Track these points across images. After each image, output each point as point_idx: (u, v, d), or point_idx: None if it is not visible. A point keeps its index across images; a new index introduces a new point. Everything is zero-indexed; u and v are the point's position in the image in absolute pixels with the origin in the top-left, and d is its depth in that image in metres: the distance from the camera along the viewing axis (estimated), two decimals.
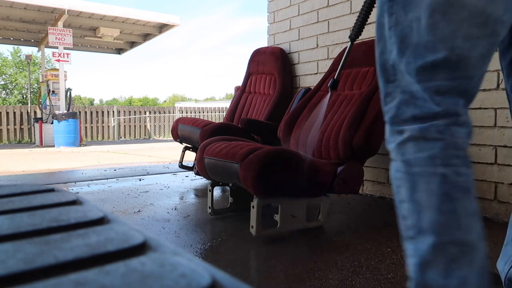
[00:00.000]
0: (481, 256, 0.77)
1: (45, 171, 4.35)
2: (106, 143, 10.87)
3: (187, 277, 0.20)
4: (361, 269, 1.43)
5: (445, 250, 0.77)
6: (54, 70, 9.22)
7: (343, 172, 1.94)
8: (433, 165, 0.82)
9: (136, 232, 0.25)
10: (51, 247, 0.22)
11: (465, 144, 0.86)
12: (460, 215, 0.81)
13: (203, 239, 1.80)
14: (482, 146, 2.15)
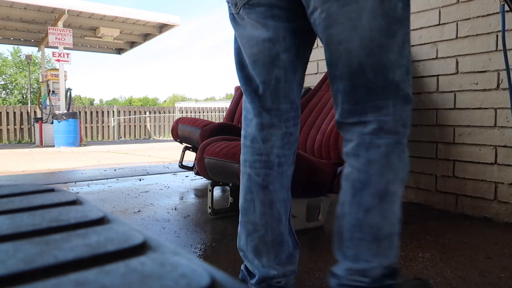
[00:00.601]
0: (263, 233, 1.09)
1: (45, 171, 4.35)
2: (106, 143, 10.87)
3: (187, 277, 0.20)
4: None
5: (244, 226, 1.11)
6: (54, 70, 9.22)
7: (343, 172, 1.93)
8: (244, 166, 1.12)
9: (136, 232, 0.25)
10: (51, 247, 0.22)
11: (265, 151, 1.10)
12: (255, 203, 1.09)
13: (203, 239, 1.80)
14: (482, 146, 2.15)
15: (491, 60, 2.10)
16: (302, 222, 1.87)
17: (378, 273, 0.93)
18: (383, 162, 0.95)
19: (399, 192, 0.98)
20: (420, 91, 2.44)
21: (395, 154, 0.95)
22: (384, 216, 0.97)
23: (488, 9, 2.10)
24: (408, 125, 0.96)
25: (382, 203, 0.96)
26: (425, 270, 1.42)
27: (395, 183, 0.97)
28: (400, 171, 0.97)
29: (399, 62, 0.93)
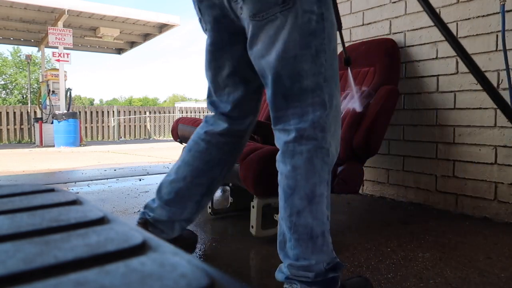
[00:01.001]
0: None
1: (45, 171, 4.35)
2: (106, 143, 10.87)
3: (187, 277, 0.20)
4: (361, 269, 1.43)
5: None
6: (54, 70, 9.22)
7: (343, 172, 1.94)
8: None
9: (136, 232, 0.25)
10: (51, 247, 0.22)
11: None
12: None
13: (203, 239, 1.80)
14: (482, 146, 2.15)
15: (491, 60, 2.10)
16: None
17: (320, 268, 1.02)
18: (307, 167, 1.02)
19: (325, 193, 1.04)
20: (420, 91, 2.44)
21: (318, 159, 1.03)
22: (314, 216, 1.03)
23: (488, 9, 2.10)
24: (326, 130, 1.04)
25: (311, 204, 1.03)
26: (425, 270, 1.42)
27: (321, 185, 1.03)
28: (324, 173, 1.04)
29: (314, 70, 1.02)
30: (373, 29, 2.70)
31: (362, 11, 2.76)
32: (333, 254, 1.05)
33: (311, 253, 1.02)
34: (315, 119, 1.03)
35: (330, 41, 1.05)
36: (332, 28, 1.06)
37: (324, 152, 1.03)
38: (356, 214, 2.26)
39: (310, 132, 1.03)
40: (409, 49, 2.49)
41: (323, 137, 1.03)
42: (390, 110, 2.21)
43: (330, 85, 1.04)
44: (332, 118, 1.06)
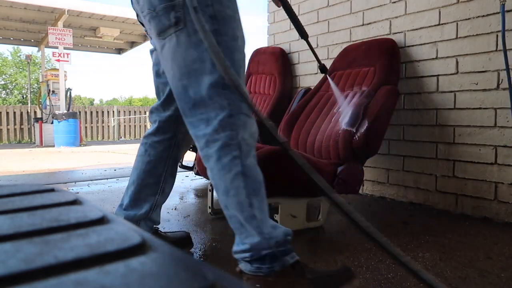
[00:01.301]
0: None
1: (45, 171, 4.35)
2: (106, 143, 10.87)
3: (186, 277, 0.20)
4: (361, 269, 1.43)
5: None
6: (54, 70, 9.22)
7: (343, 172, 1.94)
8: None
9: (136, 232, 0.25)
10: (51, 247, 0.22)
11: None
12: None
13: (203, 239, 1.80)
14: (482, 146, 2.15)
15: (491, 60, 2.10)
16: (302, 222, 1.87)
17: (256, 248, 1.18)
18: (218, 167, 1.17)
19: (240, 184, 1.16)
20: (420, 91, 2.44)
21: (226, 157, 1.16)
22: (235, 207, 1.19)
23: (488, 9, 2.10)
24: (228, 129, 1.16)
25: (229, 198, 1.18)
26: (425, 270, 1.42)
27: (234, 179, 1.16)
28: (235, 167, 1.16)
29: (212, 81, 1.16)
30: (373, 29, 2.70)
31: (362, 11, 2.76)
32: (268, 233, 1.18)
33: (245, 238, 1.20)
34: (216, 123, 1.16)
35: (232, 52, 1.20)
36: (233, 41, 1.20)
37: (232, 148, 1.16)
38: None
39: (214, 135, 1.17)
40: (409, 49, 2.49)
41: (227, 135, 1.16)
42: (390, 110, 2.21)
43: (231, 91, 1.17)
44: (241, 116, 1.19)
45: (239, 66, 1.22)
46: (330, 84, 2.29)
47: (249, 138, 1.19)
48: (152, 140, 1.52)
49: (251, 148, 1.20)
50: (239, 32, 1.24)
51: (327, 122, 2.36)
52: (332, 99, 2.49)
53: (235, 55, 1.21)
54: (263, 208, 1.19)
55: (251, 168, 1.18)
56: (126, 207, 1.51)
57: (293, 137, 2.47)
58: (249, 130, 1.20)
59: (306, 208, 1.88)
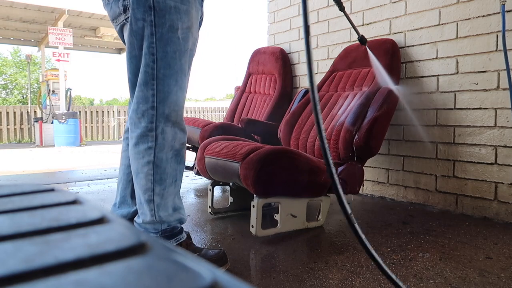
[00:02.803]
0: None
1: (45, 171, 4.35)
2: (106, 143, 10.87)
3: (187, 277, 0.20)
4: (361, 269, 1.43)
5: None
6: (54, 70, 9.21)
7: (343, 172, 1.94)
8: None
9: (136, 232, 0.25)
10: (51, 247, 0.22)
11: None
12: None
13: (203, 239, 1.80)
14: (482, 146, 2.15)
15: (491, 60, 2.10)
16: (302, 222, 1.87)
17: (145, 226, 1.34)
18: (135, 151, 1.30)
19: (149, 172, 1.30)
20: (420, 91, 2.44)
21: (142, 145, 1.28)
22: (139, 188, 1.32)
23: (488, 9, 2.10)
24: (148, 120, 1.26)
25: (137, 179, 1.32)
26: (425, 270, 1.42)
27: (145, 165, 1.29)
28: (148, 155, 1.28)
29: (144, 69, 1.24)
30: (373, 29, 2.70)
31: (362, 11, 2.76)
32: (161, 216, 1.32)
33: (141, 214, 1.34)
34: (139, 111, 1.26)
35: (166, 44, 1.25)
36: (170, 32, 1.25)
37: (149, 139, 1.26)
38: (356, 214, 2.25)
39: (137, 122, 1.27)
40: (409, 49, 2.49)
41: (146, 126, 1.26)
42: (391, 111, 2.21)
43: (163, 82, 1.25)
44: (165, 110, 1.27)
45: (172, 58, 1.25)
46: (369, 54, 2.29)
47: (170, 132, 1.28)
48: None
49: (168, 142, 1.29)
50: (181, 23, 1.26)
51: (328, 122, 2.36)
52: (333, 99, 2.49)
53: (170, 47, 1.25)
54: (165, 195, 1.32)
55: (163, 160, 1.29)
56: (118, 205, 1.57)
57: (294, 137, 2.47)
58: (171, 124, 1.28)
59: (306, 208, 1.88)
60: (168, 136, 1.28)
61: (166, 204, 1.33)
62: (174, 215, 1.36)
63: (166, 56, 1.24)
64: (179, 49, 1.27)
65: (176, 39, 1.26)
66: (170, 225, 1.35)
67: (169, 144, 1.29)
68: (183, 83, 1.31)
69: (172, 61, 1.26)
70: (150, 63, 1.24)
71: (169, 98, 1.26)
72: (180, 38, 1.27)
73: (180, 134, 1.33)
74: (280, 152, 1.76)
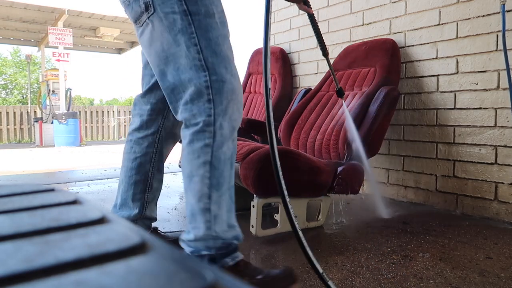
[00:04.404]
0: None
1: (45, 171, 4.35)
2: (106, 143, 10.86)
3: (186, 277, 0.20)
4: (361, 269, 1.43)
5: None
6: (54, 70, 9.21)
7: (343, 172, 1.94)
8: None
9: (136, 232, 0.25)
10: (51, 247, 0.22)
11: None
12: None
13: None
14: (482, 146, 2.15)
15: (491, 60, 2.10)
16: (302, 222, 1.87)
17: (196, 245, 1.14)
18: (188, 150, 1.16)
19: (206, 174, 1.14)
20: (420, 91, 2.44)
21: (198, 142, 1.14)
22: (193, 194, 1.15)
23: (488, 9, 2.10)
24: (204, 114, 1.13)
25: (191, 183, 1.16)
26: (425, 270, 1.42)
27: (201, 167, 1.14)
28: (205, 155, 1.14)
29: (190, 64, 1.13)
30: (373, 29, 2.70)
31: (362, 11, 2.76)
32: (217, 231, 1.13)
33: (193, 228, 1.15)
34: (194, 107, 1.14)
35: (207, 31, 1.14)
36: (208, 18, 1.14)
37: (206, 135, 1.13)
38: (356, 214, 2.25)
39: (191, 119, 1.15)
40: (409, 49, 2.49)
41: (204, 121, 1.13)
42: (391, 111, 2.21)
43: (215, 72, 1.14)
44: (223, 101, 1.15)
45: (217, 44, 1.15)
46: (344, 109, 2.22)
47: (227, 127, 1.15)
48: (136, 137, 1.48)
49: (226, 139, 1.15)
50: (215, 7, 1.17)
51: (328, 122, 2.36)
52: (333, 99, 2.49)
53: (211, 33, 1.15)
54: (222, 205, 1.14)
55: (220, 160, 1.14)
56: (119, 207, 1.50)
57: (293, 137, 2.47)
58: (229, 118, 1.15)
59: (306, 208, 1.88)
60: (226, 132, 1.14)
61: (222, 216, 1.14)
62: (230, 231, 1.16)
63: (210, 43, 1.14)
64: (220, 34, 1.17)
65: (215, 24, 1.16)
66: (225, 241, 1.14)
67: (227, 141, 1.15)
68: (232, 69, 1.19)
69: (217, 47, 1.15)
70: (195, 55, 1.13)
71: (224, 87, 1.14)
72: (219, 22, 1.17)
73: (236, 129, 1.20)
74: (280, 152, 1.76)
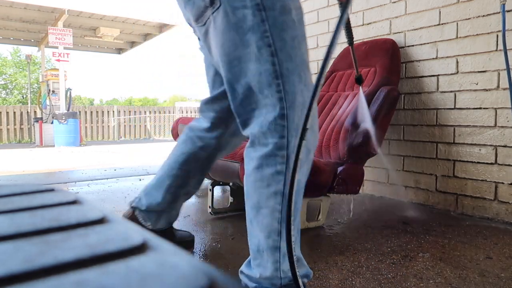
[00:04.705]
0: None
1: (45, 171, 4.35)
2: (106, 143, 10.86)
3: (187, 277, 0.20)
4: (361, 269, 1.43)
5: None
6: (54, 70, 9.21)
7: (343, 172, 1.94)
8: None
9: (136, 232, 0.25)
10: (51, 247, 0.22)
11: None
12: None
13: (203, 239, 1.80)
14: (482, 146, 2.15)
15: (491, 60, 2.10)
16: (302, 222, 1.87)
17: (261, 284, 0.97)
18: (256, 176, 0.95)
19: (277, 206, 0.93)
20: (420, 91, 2.44)
21: (268, 168, 0.93)
22: (261, 228, 0.95)
23: (488, 9, 2.10)
24: (277, 135, 0.92)
25: (258, 215, 0.96)
26: (425, 270, 1.42)
27: (272, 197, 0.94)
28: (276, 184, 0.93)
29: (260, 69, 0.92)
30: (373, 29, 2.70)
31: (362, 11, 2.76)
32: (285, 271, 0.96)
33: (257, 265, 0.97)
34: (264, 123, 0.93)
35: (282, 30, 0.94)
36: (283, 15, 0.95)
37: (278, 160, 0.92)
38: (356, 214, 2.25)
39: (261, 137, 0.95)
40: (409, 49, 2.49)
41: (275, 143, 0.92)
42: (391, 111, 2.21)
43: (289, 80, 0.93)
44: (295, 117, 0.93)
45: (292, 47, 0.95)
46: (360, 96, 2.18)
47: (302, 150, 0.91)
48: (195, 134, 1.35)
49: (301, 165, 0.93)
50: (293, 2, 0.99)
51: (328, 122, 2.36)
52: (333, 99, 2.49)
53: (287, 33, 0.95)
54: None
55: (295, 190, 0.94)
56: (151, 188, 1.37)
57: None
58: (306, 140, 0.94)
59: (306, 208, 1.88)
60: (302, 156, 0.90)
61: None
62: (300, 268, 1.01)
63: (285, 45, 0.94)
64: (297, 34, 0.98)
65: (292, 23, 0.97)
66: (292, 279, 0.97)
67: (302, 167, 0.96)
68: (307, 78, 0.98)
69: (292, 51, 0.95)
70: (269, 57, 0.92)
71: (296, 100, 0.94)
72: (296, 20, 0.99)
73: (312, 152, 0.99)
74: None
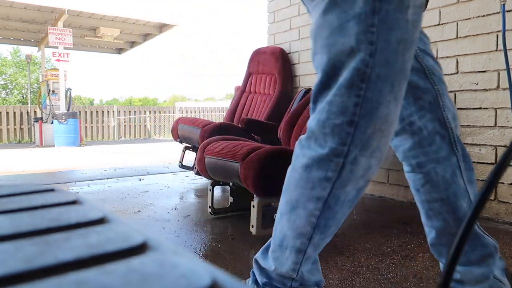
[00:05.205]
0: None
1: (45, 171, 4.35)
2: (106, 143, 10.87)
3: (187, 277, 0.20)
4: (361, 269, 1.43)
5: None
6: (54, 70, 9.21)
7: None
8: None
9: (136, 232, 0.25)
10: (51, 247, 0.22)
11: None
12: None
13: (203, 239, 1.80)
14: (482, 146, 2.15)
15: (491, 60, 2.10)
16: None
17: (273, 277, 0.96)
18: (302, 175, 0.89)
19: (312, 210, 0.88)
20: None
21: (317, 171, 0.85)
22: (292, 227, 0.91)
23: (488, 9, 2.10)
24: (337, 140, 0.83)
25: (292, 213, 0.91)
26: (425, 270, 1.42)
27: (312, 201, 0.88)
28: (320, 189, 0.86)
29: (352, 65, 0.81)
30: None
31: None
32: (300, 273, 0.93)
33: (275, 259, 0.94)
34: (328, 124, 0.83)
35: (391, 29, 0.79)
36: (398, 12, 0.79)
37: (331, 167, 0.84)
38: (356, 214, 2.25)
39: (319, 137, 0.86)
40: None
41: (333, 148, 0.83)
42: None
43: (374, 87, 0.81)
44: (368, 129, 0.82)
45: (395, 51, 0.80)
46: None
47: (363, 164, 0.84)
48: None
49: (356, 178, 0.85)
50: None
51: None
52: None
53: (393, 34, 0.80)
54: (319, 248, 0.93)
55: (339, 201, 0.86)
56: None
57: (293, 137, 2.47)
58: (369, 154, 0.84)
59: None
60: (358, 170, 0.84)
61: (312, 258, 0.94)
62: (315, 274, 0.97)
63: (388, 47, 0.80)
64: (405, 38, 0.81)
65: (404, 23, 0.80)
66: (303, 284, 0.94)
67: (356, 180, 0.85)
68: (400, 90, 0.84)
69: (393, 55, 0.81)
70: (365, 56, 0.79)
71: (378, 111, 0.81)
72: (410, 22, 0.81)
73: (374, 168, 0.87)
74: (280, 152, 1.76)
